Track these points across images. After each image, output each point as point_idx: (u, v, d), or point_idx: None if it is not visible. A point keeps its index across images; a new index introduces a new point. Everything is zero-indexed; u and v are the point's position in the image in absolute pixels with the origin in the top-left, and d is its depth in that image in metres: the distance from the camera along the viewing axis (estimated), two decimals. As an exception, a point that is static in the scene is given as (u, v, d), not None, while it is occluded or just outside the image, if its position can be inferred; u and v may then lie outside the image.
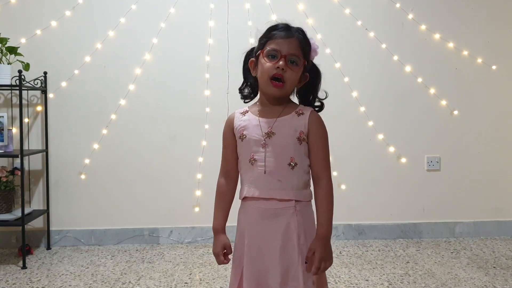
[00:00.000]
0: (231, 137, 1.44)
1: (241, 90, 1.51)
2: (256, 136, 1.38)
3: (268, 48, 1.35)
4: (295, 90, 1.47)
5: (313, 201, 1.43)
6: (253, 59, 1.42)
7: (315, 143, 1.39)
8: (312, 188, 1.43)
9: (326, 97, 1.49)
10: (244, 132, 1.40)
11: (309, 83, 1.45)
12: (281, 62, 1.33)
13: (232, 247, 1.48)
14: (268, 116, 1.40)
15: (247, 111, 1.44)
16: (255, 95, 1.49)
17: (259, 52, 1.38)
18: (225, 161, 1.48)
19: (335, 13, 3.27)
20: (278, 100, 1.40)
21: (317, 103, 1.48)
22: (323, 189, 1.38)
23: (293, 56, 1.35)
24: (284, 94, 1.39)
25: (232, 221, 1.52)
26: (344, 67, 3.28)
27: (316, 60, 1.50)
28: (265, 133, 1.37)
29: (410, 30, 3.32)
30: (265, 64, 1.35)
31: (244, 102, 1.51)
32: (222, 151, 1.49)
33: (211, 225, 1.52)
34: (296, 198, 1.37)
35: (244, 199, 1.43)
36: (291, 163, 1.36)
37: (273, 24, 1.40)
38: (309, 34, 1.44)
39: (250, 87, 1.49)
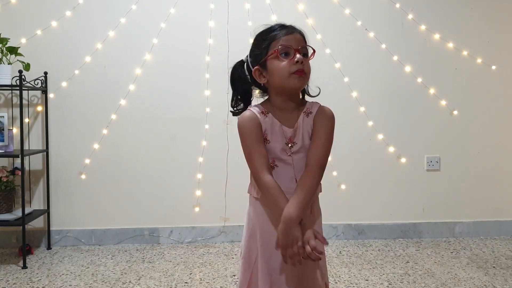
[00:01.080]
0: (261, 133, 1.35)
1: (234, 106, 1.44)
2: (280, 145, 1.36)
3: (279, 46, 1.32)
4: None
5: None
6: (257, 67, 1.37)
7: (316, 131, 1.37)
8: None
9: (318, 94, 1.45)
10: (269, 137, 1.36)
11: None
12: (298, 56, 1.31)
13: (243, 246, 1.46)
14: (288, 124, 1.37)
15: (267, 112, 1.37)
16: (247, 106, 1.44)
17: (268, 55, 1.34)
18: (262, 157, 1.33)
19: (335, 13, 3.28)
20: (295, 102, 1.39)
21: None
22: (312, 174, 1.32)
23: (304, 48, 1.35)
24: (304, 85, 1.38)
25: (239, 220, 1.50)
26: (344, 67, 3.28)
27: (316, 60, 1.50)
28: (286, 143, 1.36)
29: (410, 30, 3.32)
30: (281, 63, 1.32)
31: (246, 105, 1.45)
32: (249, 150, 1.35)
33: (211, 225, 1.51)
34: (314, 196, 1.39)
35: (256, 198, 1.41)
36: None
37: (264, 29, 1.38)
38: (308, 34, 1.43)
39: (241, 100, 1.44)
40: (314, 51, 1.37)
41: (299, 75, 1.32)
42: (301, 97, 1.45)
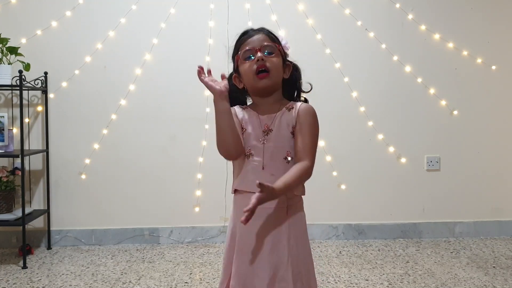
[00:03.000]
0: (237, 120, 1.41)
1: None
2: (255, 132, 1.40)
3: (241, 52, 1.41)
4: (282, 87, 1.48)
5: (308, 201, 1.46)
6: (235, 74, 1.47)
7: (300, 129, 1.39)
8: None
9: (310, 90, 1.50)
10: (245, 126, 1.42)
11: (291, 80, 1.48)
12: (259, 54, 1.37)
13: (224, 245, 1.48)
14: (266, 113, 1.42)
15: (246, 107, 1.47)
16: None
17: (235, 64, 1.44)
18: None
19: (335, 13, 3.27)
20: (272, 94, 1.43)
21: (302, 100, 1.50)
22: (302, 165, 1.33)
23: (267, 47, 1.39)
24: (273, 83, 1.41)
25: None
26: (344, 67, 3.28)
27: (316, 60, 1.51)
28: (263, 130, 1.40)
29: (410, 30, 3.32)
30: (245, 65, 1.40)
31: None
32: None
33: (211, 225, 1.53)
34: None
35: (236, 192, 1.45)
36: (287, 157, 1.38)
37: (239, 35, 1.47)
38: (308, 34, 1.45)
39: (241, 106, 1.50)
40: (278, 45, 1.41)
41: (261, 77, 1.38)
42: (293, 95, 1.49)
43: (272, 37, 1.43)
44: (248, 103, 1.52)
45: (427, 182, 3.37)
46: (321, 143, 3.25)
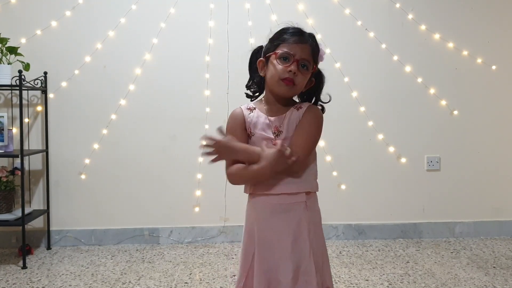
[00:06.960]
0: (242, 132, 1.43)
1: (248, 86, 1.53)
2: (265, 134, 1.40)
3: (281, 51, 1.38)
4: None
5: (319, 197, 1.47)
6: (262, 59, 1.44)
7: (300, 125, 1.39)
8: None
9: (329, 101, 1.52)
10: (253, 130, 1.42)
11: (313, 87, 1.49)
12: (293, 66, 1.36)
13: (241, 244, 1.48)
14: (276, 115, 1.42)
15: (254, 108, 1.45)
16: (261, 93, 1.51)
17: (270, 53, 1.41)
18: None
19: (335, 13, 3.27)
20: (285, 100, 1.43)
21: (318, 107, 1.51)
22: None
23: (305, 61, 1.38)
24: (292, 95, 1.43)
25: (239, 220, 1.51)
26: (344, 67, 3.28)
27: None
28: (273, 132, 1.40)
29: (410, 30, 3.32)
30: (277, 66, 1.37)
31: (251, 100, 1.52)
32: None
33: (211, 225, 1.53)
34: (306, 189, 1.39)
35: (252, 194, 1.44)
36: None
37: (285, 26, 1.43)
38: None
39: (256, 85, 1.51)
40: (314, 67, 1.42)
41: (286, 83, 1.37)
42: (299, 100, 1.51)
43: (315, 52, 1.41)
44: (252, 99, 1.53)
45: (427, 182, 3.37)
46: (321, 143, 3.25)
